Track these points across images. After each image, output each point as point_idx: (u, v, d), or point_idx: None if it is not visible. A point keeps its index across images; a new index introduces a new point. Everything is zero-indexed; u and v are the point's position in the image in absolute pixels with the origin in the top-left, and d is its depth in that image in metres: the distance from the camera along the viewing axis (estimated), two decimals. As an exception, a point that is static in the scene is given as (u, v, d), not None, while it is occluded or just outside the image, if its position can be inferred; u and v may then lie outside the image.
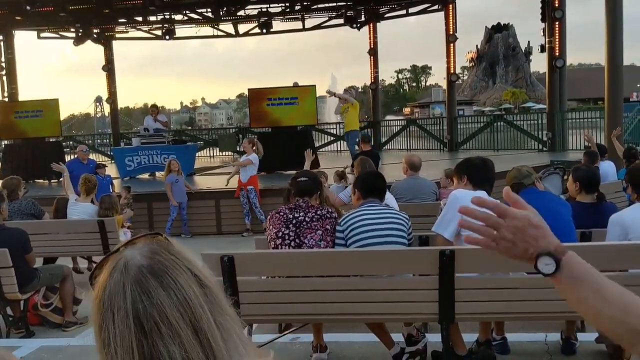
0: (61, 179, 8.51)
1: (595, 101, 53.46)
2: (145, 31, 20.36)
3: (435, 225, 4.03)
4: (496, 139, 17.70)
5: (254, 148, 9.93)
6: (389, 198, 5.19)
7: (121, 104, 23.84)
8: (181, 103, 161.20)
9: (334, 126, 21.97)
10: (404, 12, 20.06)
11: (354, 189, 4.35)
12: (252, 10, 18.89)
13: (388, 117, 32.75)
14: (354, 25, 19.56)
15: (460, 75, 69.93)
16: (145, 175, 13.72)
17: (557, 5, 14.58)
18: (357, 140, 12.24)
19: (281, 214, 4.11)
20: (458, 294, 3.66)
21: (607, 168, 7.70)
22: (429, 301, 3.70)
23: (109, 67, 20.04)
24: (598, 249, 3.78)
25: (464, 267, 3.64)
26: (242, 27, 20.55)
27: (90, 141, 23.96)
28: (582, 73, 77.37)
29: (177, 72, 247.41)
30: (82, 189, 7.18)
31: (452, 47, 17.71)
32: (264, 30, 18.91)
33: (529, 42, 68.09)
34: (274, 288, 3.92)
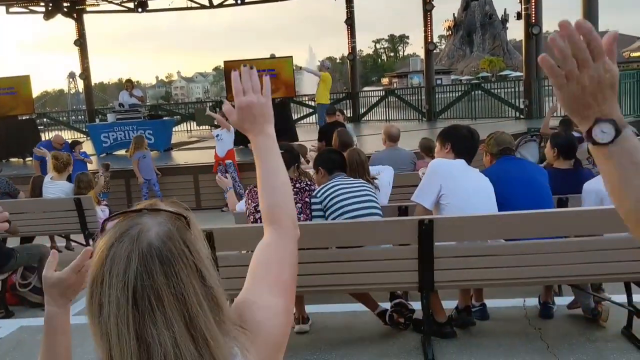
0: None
1: (572, 68, 53.81)
2: (117, 4, 19.87)
3: (414, 195, 4.04)
4: (474, 107, 17.77)
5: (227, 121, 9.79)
6: (387, 169, 5.17)
7: (95, 79, 23.41)
8: (157, 77, 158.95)
9: (313, 98, 21.84)
10: (380, -20, 19.79)
11: (317, 167, 4.32)
12: (226, -20, 18.54)
13: (366, 88, 32.61)
14: (330, -5, 19.32)
15: (438, 44, 69.86)
16: (122, 152, 13.55)
17: (533, -29, 14.53)
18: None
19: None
20: (437, 262, 3.69)
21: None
22: (409, 270, 3.73)
23: (81, 42, 19.57)
24: (574, 214, 3.83)
25: (442, 236, 3.66)
26: (216, -1, 20.17)
27: (64, 118, 23.52)
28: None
29: (152, 45, 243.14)
30: (52, 168, 7.05)
31: (429, 16, 17.61)
32: (239, 1, 18.59)
33: (505, 9, 68.20)
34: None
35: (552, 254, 3.69)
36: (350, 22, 19.73)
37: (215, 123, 11.30)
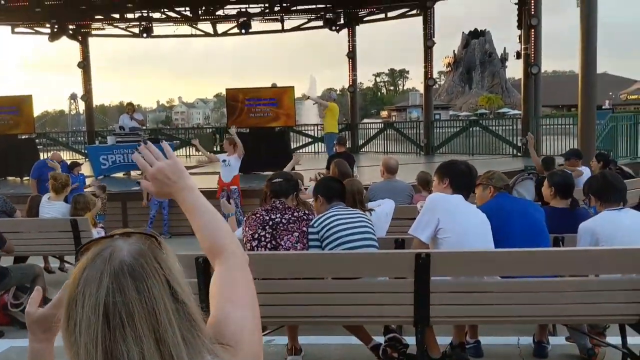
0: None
1: (569, 108, 54.34)
2: (122, 28, 20.12)
3: (412, 228, 4.05)
4: (472, 143, 17.89)
5: (235, 147, 9.84)
6: (387, 201, 5.17)
7: (96, 101, 23.52)
8: (158, 102, 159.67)
9: (312, 128, 21.97)
10: (382, 15, 20.17)
11: (316, 195, 4.34)
12: (231, 10, 18.81)
13: (366, 120, 32.87)
14: (333, 28, 19.62)
15: (437, 79, 70.62)
16: (120, 174, 13.55)
17: (533, 13, 14.80)
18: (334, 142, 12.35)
19: (257, 215, 4.09)
20: (433, 297, 3.68)
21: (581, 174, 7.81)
22: (405, 304, 3.72)
23: (84, 64, 19.76)
24: (570, 254, 3.84)
25: (439, 270, 3.66)
26: (221, 27, 20.47)
27: (64, 139, 23.58)
28: (556, 80, 78.64)
29: (154, 70, 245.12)
30: (51, 188, 7.06)
31: (429, 52, 17.86)
32: (243, 31, 18.85)
33: (505, 48, 68.97)
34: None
35: (547, 293, 3.69)
36: (352, 55, 20.00)
37: (216, 149, 11.40)
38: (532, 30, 14.96)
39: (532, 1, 14.79)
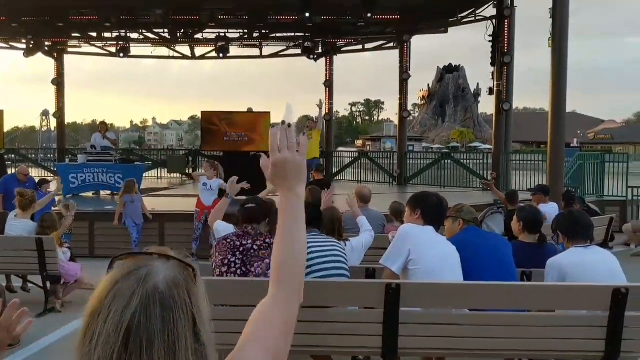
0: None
1: (539, 145, 55.57)
2: (99, 47, 20.02)
3: (383, 258, 4.06)
4: (443, 175, 18.11)
5: (215, 171, 9.79)
6: (368, 232, 5.10)
7: (69, 119, 23.20)
8: (131, 122, 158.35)
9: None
10: (360, 47, 20.50)
11: None
12: (209, 34, 18.89)
13: (340, 148, 33.06)
14: (311, 57, 19.83)
15: (412, 112, 71.59)
16: (89, 194, 13.33)
17: (506, 50, 15.19)
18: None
19: (228, 240, 4.05)
20: (402, 328, 3.68)
21: (549, 210, 7.96)
22: (373, 335, 3.70)
23: (58, 81, 19.55)
24: (537, 289, 3.88)
25: (409, 301, 3.67)
26: (199, 50, 20.52)
27: (34, 155, 23.17)
28: (527, 117, 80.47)
29: (129, 89, 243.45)
30: (17, 205, 6.91)
31: (405, 85, 18.16)
32: (221, 55, 18.91)
33: (478, 84, 70.43)
34: (216, 317, 3.83)
35: (514, 327, 3.72)
36: (329, 83, 20.22)
37: (188, 171, 11.32)
38: (505, 68, 15.34)
39: (506, 39, 15.19)
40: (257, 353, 1.12)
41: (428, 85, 75.75)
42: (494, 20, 15.44)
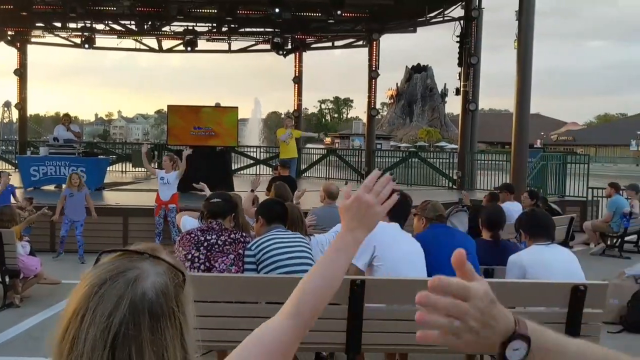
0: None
1: (503, 145, 56.54)
2: (63, 38, 19.57)
3: (348, 255, 4.06)
4: (410, 174, 18.28)
5: (174, 165, 9.66)
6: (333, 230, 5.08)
7: (31, 110, 22.66)
8: (96, 115, 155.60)
9: (254, 149, 21.92)
10: (329, 44, 20.53)
11: (257, 215, 4.31)
12: (177, 27, 18.65)
13: (309, 145, 33.07)
14: (280, 52, 19.76)
15: (380, 110, 72.06)
16: (51, 187, 13.03)
17: (473, 52, 15.40)
18: (276, 165, 12.37)
19: (192, 235, 4.00)
20: (366, 324, 3.69)
21: (513, 208, 8.10)
22: (337, 331, 3.71)
23: (21, 72, 19.06)
24: (499, 286, 3.94)
25: (373, 297, 3.68)
26: (167, 43, 20.25)
27: (-8, 147, 22.54)
28: (492, 118, 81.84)
29: (94, 81, 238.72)
30: None
31: (373, 83, 18.25)
32: (189, 48, 18.70)
33: (445, 84, 71.24)
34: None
35: (476, 323, 3.77)
36: (298, 80, 20.19)
37: (153, 165, 11.14)
38: (472, 69, 15.55)
39: (473, 40, 15.41)
40: None
41: (396, 84, 76.35)
42: (461, 22, 15.64)
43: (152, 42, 20.17)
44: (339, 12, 15.50)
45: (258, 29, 19.52)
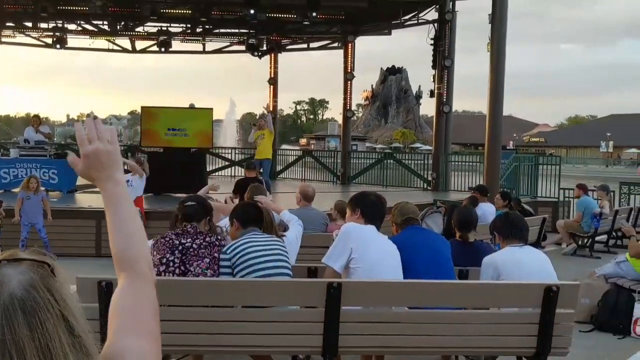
0: None
1: (477, 146, 57.20)
2: (34, 38, 19.21)
3: (325, 256, 4.07)
4: (385, 175, 18.37)
5: (140, 168, 9.53)
6: (295, 223, 5.04)
7: (1, 111, 22.21)
8: (67, 115, 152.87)
9: (230, 151, 21.79)
10: (305, 45, 20.53)
11: (232, 219, 4.28)
12: (151, 27, 18.46)
13: (285, 146, 33.02)
14: (256, 53, 19.69)
15: (356, 111, 72.26)
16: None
17: (447, 54, 15.55)
18: (260, 168, 12.22)
19: (167, 239, 3.95)
20: (342, 327, 3.69)
21: (486, 210, 8.20)
22: (314, 334, 3.70)
23: (-11, 71, 18.65)
24: (474, 287, 3.99)
25: (350, 300, 3.68)
26: (140, 43, 20.02)
27: (-40, 148, 21.99)
28: (466, 119, 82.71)
29: (66, 82, 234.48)
30: None
31: (349, 85, 18.30)
32: (163, 49, 18.51)
33: (419, 86, 71.63)
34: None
35: (450, 325, 3.80)
36: (273, 81, 20.14)
37: (126, 168, 10.99)
38: (446, 71, 15.70)
39: (447, 43, 15.55)
40: (144, 344, 1.09)
41: (372, 86, 76.61)
42: (435, 24, 15.78)
43: (125, 42, 19.94)
44: (314, 14, 15.50)
45: (233, 30, 19.42)
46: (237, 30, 19.33)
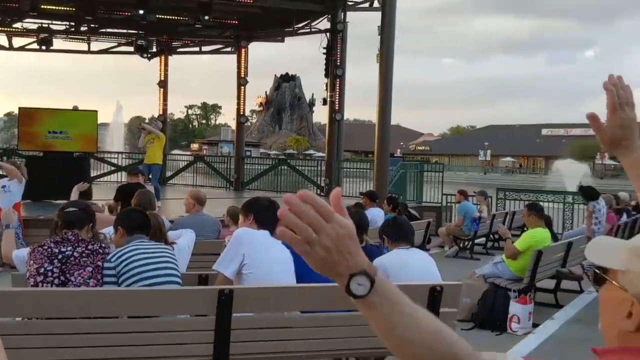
0: None
1: (367, 154, 58.97)
2: None
3: (216, 263, 3.99)
4: (279, 181, 18.46)
5: (17, 172, 8.88)
6: (187, 232, 4.93)
7: None
8: None
9: (116, 155, 20.88)
10: (197, 49, 20.17)
11: (116, 226, 4.09)
12: (30, 24, 17.30)
13: (175, 152, 32.16)
14: (145, 55, 19.06)
15: (250, 117, 71.93)
16: None
17: (339, 64, 15.92)
18: (149, 173, 11.76)
19: (45, 247, 3.69)
20: (234, 334, 3.63)
21: (376, 214, 8.46)
22: (204, 342, 3.61)
23: None
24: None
25: (242, 306, 3.64)
26: (18, 41, 18.70)
27: None
28: (357, 128, 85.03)
29: None
30: None
31: (242, 90, 18.21)
32: (44, 47, 17.42)
33: (313, 94, 72.75)
34: (32, 331, 3.48)
35: (341, 327, 3.86)
36: (163, 84, 19.59)
37: (1, 172, 10.18)
38: (338, 80, 16.06)
39: (338, 52, 15.93)
40: None
41: (266, 92, 76.69)
42: (327, 34, 16.11)
43: (1, 39, 18.56)
44: (206, 17, 15.28)
45: (121, 30, 18.67)
46: (125, 31, 18.61)
